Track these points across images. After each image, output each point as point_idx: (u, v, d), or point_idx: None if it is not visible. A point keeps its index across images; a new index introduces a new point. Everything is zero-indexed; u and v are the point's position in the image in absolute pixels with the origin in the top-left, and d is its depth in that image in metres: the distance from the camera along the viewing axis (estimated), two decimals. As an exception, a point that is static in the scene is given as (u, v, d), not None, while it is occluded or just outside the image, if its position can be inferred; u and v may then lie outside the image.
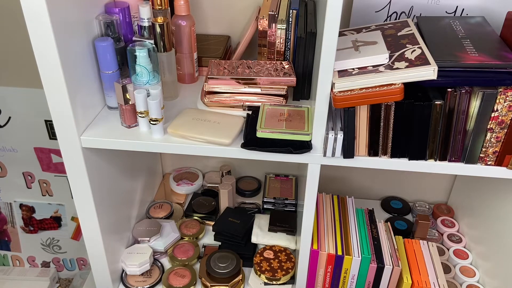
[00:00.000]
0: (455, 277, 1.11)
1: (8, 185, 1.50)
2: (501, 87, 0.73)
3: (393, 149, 0.81)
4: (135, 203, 1.17)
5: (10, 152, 1.43)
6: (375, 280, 1.00)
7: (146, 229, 1.14)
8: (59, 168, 1.45)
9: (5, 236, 1.62)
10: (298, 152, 0.80)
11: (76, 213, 1.19)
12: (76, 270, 1.70)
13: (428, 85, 0.75)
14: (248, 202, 1.32)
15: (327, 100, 0.76)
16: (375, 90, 0.74)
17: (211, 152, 0.84)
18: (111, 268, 1.03)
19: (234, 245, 1.13)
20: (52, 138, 1.39)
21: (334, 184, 1.35)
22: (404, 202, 1.34)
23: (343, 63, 0.78)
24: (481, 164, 0.81)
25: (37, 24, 0.70)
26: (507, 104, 0.74)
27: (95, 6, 0.86)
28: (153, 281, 1.08)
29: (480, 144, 0.79)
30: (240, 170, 1.38)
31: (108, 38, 0.85)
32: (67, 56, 0.75)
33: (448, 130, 0.78)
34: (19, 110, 1.35)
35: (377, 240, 1.02)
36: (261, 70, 0.92)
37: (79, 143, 0.83)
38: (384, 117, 0.78)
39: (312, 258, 0.99)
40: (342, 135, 0.79)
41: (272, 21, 0.92)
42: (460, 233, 1.23)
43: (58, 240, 1.62)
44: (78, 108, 0.81)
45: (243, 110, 0.91)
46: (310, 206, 0.89)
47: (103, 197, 0.95)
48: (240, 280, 1.06)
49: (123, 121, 0.87)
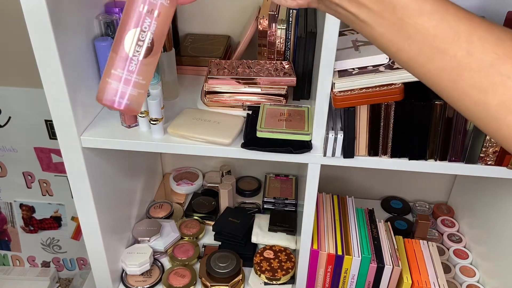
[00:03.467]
0: (455, 277, 1.11)
1: (8, 185, 1.50)
2: (501, 87, 0.73)
3: (393, 149, 0.81)
4: (135, 203, 1.17)
5: (10, 152, 1.43)
6: (375, 280, 1.00)
7: (146, 229, 1.14)
8: (59, 168, 1.45)
9: (5, 236, 1.62)
10: (298, 152, 0.80)
11: (76, 213, 1.19)
12: (76, 270, 1.70)
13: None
14: (248, 202, 1.32)
15: (327, 100, 0.76)
16: (375, 90, 0.74)
17: (211, 152, 0.84)
18: (111, 268, 1.03)
19: (234, 245, 1.13)
20: (52, 138, 1.39)
21: (334, 184, 1.35)
22: (404, 202, 1.34)
23: (343, 63, 0.78)
24: (481, 164, 0.81)
25: (37, 24, 0.69)
26: (507, 104, 0.74)
27: (95, 6, 0.86)
28: (153, 281, 1.08)
29: (480, 144, 0.79)
30: (240, 170, 1.38)
31: (108, 38, 0.85)
32: (67, 56, 0.75)
33: (448, 130, 0.78)
34: (19, 110, 1.35)
35: (377, 240, 1.02)
36: (261, 70, 0.92)
37: (79, 143, 0.83)
38: (384, 117, 0.78)
39: (312, 258, 0.99)
40: (342, 135, 0.79)
41: (272, 21, 0.92)
42: (460, 233, 1.23)
43: (58, 240, 1.62)
44: (78, 108, 0.81)
45: (243, 110, 0.91)
46: (310, 206, 0.89)
47: (103, 197, 0.95)
48: (240, 280, 1.06)
49: (123, 121, 0.87)
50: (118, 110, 0.47)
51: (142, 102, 0.47)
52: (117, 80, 0.45)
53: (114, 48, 0.45)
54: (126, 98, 0.46)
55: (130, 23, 0.44)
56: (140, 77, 0.46)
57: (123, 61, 0.45)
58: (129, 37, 0.44)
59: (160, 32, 0.46)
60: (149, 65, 0.46)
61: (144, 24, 0.44)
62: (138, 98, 0.46)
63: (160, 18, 0.45)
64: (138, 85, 0.46)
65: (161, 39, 0.46)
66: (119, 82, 0.45)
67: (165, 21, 0.46)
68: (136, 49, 0.45)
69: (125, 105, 0.46)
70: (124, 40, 0.44)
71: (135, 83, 0.46)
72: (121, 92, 0.46)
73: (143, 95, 0.47)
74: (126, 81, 0.45)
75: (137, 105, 0.47)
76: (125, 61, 0.45)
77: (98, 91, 0.46)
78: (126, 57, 0.45)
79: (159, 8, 0.44)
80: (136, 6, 0.44)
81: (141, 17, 0.44)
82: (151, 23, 0.44)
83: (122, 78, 0.45)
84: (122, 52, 0.45)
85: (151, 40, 0.45)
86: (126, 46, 0.45)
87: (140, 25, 0.44)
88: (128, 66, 0.45)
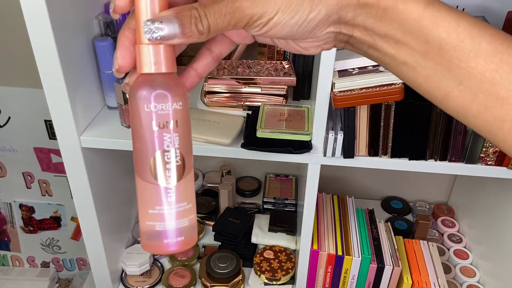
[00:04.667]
0: (455, 277, 1.11)
1: (8, 185, 1.50)
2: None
3: (393, 149, 0.81)
4: (135, 203, 1.17)
5: (9, 152, 1.43)
6: (375, 280, 1.00)
7: (146, 229, 1.14)
8: (59, 168, 1.45)
9: (4, 236, 1.62)
10: (298, 152, 0.80)
11: (76, 213, 1.19)
12: (76, 270, 1.70)
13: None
14: (248, 202, 1.31)
15: (327, 100, 0.76)
16: (375, 90, 0.74)
17: (211, 152, 0.84)
18: (111, 268, 1.03)
19: (234, 245, 1.13)
20: (52, 138, 1.39)
21: (334, 184, 1.35)
22: (404, 202, 1.34)
23: (343, 63, 0.78)
24: (482, 164, 0.81)
25: (37, 24, 0.69)
26: (507, 104, 0.74)
27: (95, 5, 0.86)
28: (153, 281, 1.08)
29: (481, 144, 0.78)
30: (240, 170, 1.38)
31: (108, 37, 0.85)
32: (66, 56, 0.75)
33: (449, 130, 0.78)
34: (19, 110, 1.34)
35: (377, 240, 1.02)
36: (261, 70, 0.92)
37: (78, 143, 0.83)
38: (384, 117, 0.78)
39: (312, 258, 0.99)
40: (342, 135, 0.79)
41: (272, 21, 0.92)
42: (460, 233, 1.23)
43: (58, 240, 1.61)
44: (77, 108, 0.81)
45: (243, 110, 0.91)
46: (310, 206, 0.89)
47: (103, 197, 0.94)
48: (240, 280, 1.06)
49: (123, 121, 0.87)
50: (175, 252, 0.39)
51: (196, 227, 0.38)
52: (159, 219, 0.36)
53: (140, 179, 0.36)
54: (178, 235, 0.36)
55: (148, 148, 0.35)
56: (184, 202, 0.36)
57: (157, 194, 0.36)
58: (154, 166, 0.35)
59: (185, 142, 0.36)
60: (187, 184, 0.37)
61: (163, 143, 0.35)
62: (191, 226, 0.37)
63: (180, 126, 0.35)
64: (185, 213, 0.37)
65: (188, 150, 0.37)
66: (163, 222, 0.36)
67: (186, 128, 0.36)
68: (166, 175, 0.35)
69: (179, 243, 0.37)
70: (150, 170, 0.35)
71: (181, 213, 0.36)
72: (170, 232, 0.36)
73: (193, 219, 0.38)
74: (170, 217, 0.36)
75: (193, 233, 0.38)
76: (159, 194, 0.35)
77: (141, 237, 0.37)
78: (159, 189, 0.35)
79: (173, 116, 0.34)
80: (147, 126, 0.34)
81: (157, 136, 0.35)
82: (172, 138, 0.35)
83: (165, 215, 0.36)
84: (151, 186, 0.36)
85: (179, 157, 0.36)
86: (154, 176, 0.35)
87: (158, 146, 0.35)
88: (166, 198, 0.36)
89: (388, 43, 0.33)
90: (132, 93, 0.35)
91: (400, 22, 0.31)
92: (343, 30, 0.33)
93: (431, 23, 0.31)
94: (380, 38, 0.33)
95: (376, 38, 0.33)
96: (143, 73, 0.34)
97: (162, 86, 0.34)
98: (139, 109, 0.34)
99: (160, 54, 0.33)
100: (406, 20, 0.31)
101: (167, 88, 0.34)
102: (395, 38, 0.32)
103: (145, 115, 0.34)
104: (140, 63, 0.34)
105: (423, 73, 0.33)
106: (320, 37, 0.34)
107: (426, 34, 0.31)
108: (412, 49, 0.32)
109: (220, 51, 0.38)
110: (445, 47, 0.31)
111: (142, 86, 0.34)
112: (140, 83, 0.34)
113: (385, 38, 0.32)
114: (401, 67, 0.34)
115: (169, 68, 0.34)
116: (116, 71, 0.35)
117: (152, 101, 0.34)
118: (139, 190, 0.36)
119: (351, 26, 0.33)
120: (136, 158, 0.36)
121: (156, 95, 0.34)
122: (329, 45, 0.36)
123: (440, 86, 0.33)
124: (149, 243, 0.37)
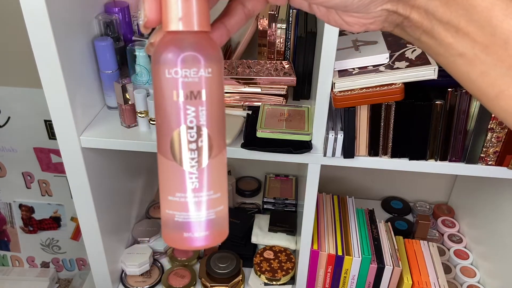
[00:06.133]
0: (455, 277, 1.11)
1: (8, 185, 1.50)
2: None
3: (394, 149, 0.81)
4: (135, 203, 1.17)
5: (9, 152, 1.43)
6: (375, 280, 1.00)
7: (146, 229, 1.14)
8: (59, 168, 1.45)
9: (4, 236, 1.62)
10: (298, 152, 0.80)
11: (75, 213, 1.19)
12: (75, 270, 1.70)
13: (428, 85, 0.75)
14: (248, 202, 1.31)
15: (327, 100, 0.76)
16: (375, 90, 0.74)
17: (211, 152, 0.84)
18: (111, 268, 1.03)
19: (234, 245, 1.13)
20: (51, 138, 1.39)
21: (334, 184, 1.35)
22: (404, 202, 1.34)
23: (343, 63, 0.78)
24: (482, 164, 0.81)
25: (36, 24, 0.69)
26: (507, 104, 0.74)
27: (95, 5, 0.86)
28: (153, 282, 1.08)
29: (481, 144, 0.78)
30: (240, 170, 1.38)
31: (107, 37, 0.85)
32: (66, 56, 0.75)
33: (449, 130, 0.78)
34: (18, 110, 1.34)
35: (377, 240, 1.02)
36: (261, 70, 0.92)
37: (78, 143, 0.83)
38: (384, 117, 0.78)
39: (312, 258, 0.99)
40: (342, 135, 0.79)
41: (272, 21, 0.92)
42: (460, 233, 1.22)
43: (58, 241, 1.61)
44: (77, 108, 0.80)
45: (243, 110, 0.91)
46: (310, 206, 0.89)
47: (103, 197, 0.94)
48: (240, 281, 1.06)
49: (123, 121, 0.87)
50: (198, 249, 0.33)
51: (226, 220, 0.33)
52: (179, 209, 0.30)
53: (161, 157, 0.30)
54: (201, 230, 0.31)
55: (169, 123, 0.29)
56: (211, 191, 0.31)
57: (177, 178, 0.30)
58: (175, 144, 0.29)
59: (214, 118, 0.30)
60: (215, 169, 0.31)
61: (187, 117, 0.29)
62: (219, 219, 0.32)
63: (208, 98, 0.29)
64: (211, 204, 0.31)
65: (218, 128, 0.30)
66: (183, 212, 0.30)
67: (217, 100, 0.30)
68: (189, 157, 0.29)
69: (203, 238, 0.31)
70: (171, 150, 0.29)
71: (206, 203, 0.31)
72: (192, 225, 0.31)
73: (223, 210, 0.32)
74: (192, 207, 0.30)
75: (221, 228, 0.32)
76: (180, 178, 0.30)
77: (162, 228, 0.32)
78: (180, 172, 0.30)
79: (201, 85, 0.28)
80: (167, 95, 0.28)
81: (180, 108, 0.29)
82: (197, 112, 0.29)
83: (186, 204, 0.30)
84: (173, 168, 0.30)
85: (206, 135, 0.29)
86: (174, 157, 0.29)
87: (183, 120, 0.29)
88: (188, 184, 0.30)
89: (448, 31, 0.29)
90: (155, 56, 0.29)
91: (467, 9, 0.28)
92: (400, 9, 0.30)
93: (502, 14, 0.27)
94: (440, 25, 0.29)
95: (436, 24, 0.29)
96: (170, 30, 0.28)
97: (192, 48, 0.28)
98: (160, 75, 0.28)
99: (192, 6, 0.27)
100: (475, 7, 0.28)
101: (199, 50, 0.28)
102: (458, 26, 0.28)
103: (166, 82, 0.28)
104: (166, 18, 0.28)
105: (480, 67, 0.29)
106: (371, 14, 0.31)
107: (494, 26, 0.28)
108: (473, 41, 0.28)
109: (252, 7, 0.33)
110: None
111: (167, 47, 0.28)
112: (164, 44, 0.28)
113: (446, 25, 0.29)
114: (455, 58, 0.30)
115: (202, 26, 0.28)
116: (143, 26, 0.29)
117: (178, 65, 0.28)
118: (160, 170, 0.31)
119: (410, 6, 0.30)
120: (157, 134, 0.31)
121: (183, 59, 0.28)
122: (377, 26, 0.32)
123: (496, 83, 0.29)
124: (168, 235, 0.32)
